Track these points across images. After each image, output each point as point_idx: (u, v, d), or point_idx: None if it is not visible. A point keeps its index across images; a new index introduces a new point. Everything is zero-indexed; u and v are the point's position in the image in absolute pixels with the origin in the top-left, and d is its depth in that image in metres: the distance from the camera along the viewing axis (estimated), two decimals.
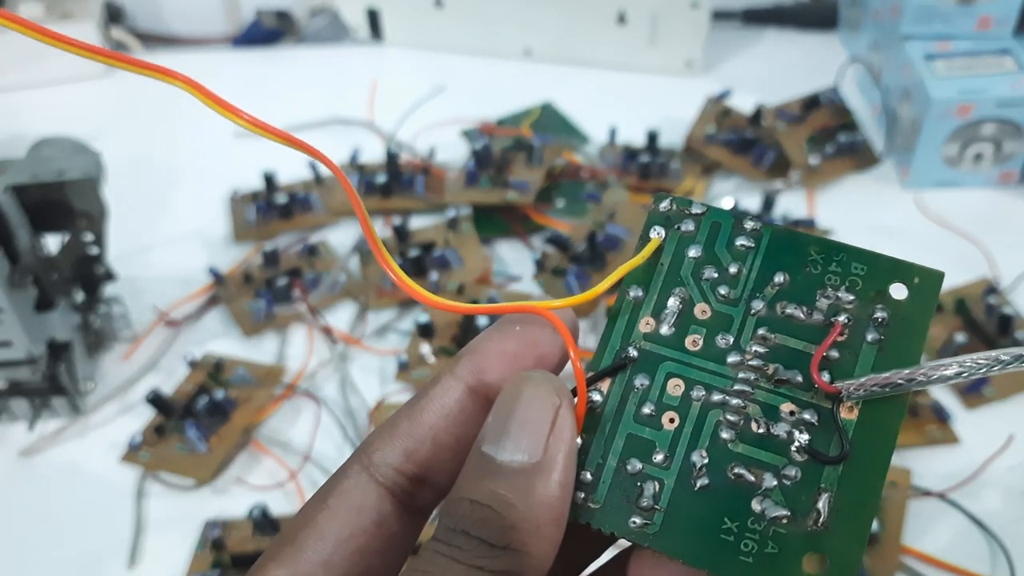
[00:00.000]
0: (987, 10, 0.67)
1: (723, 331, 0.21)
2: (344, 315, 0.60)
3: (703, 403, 0.21)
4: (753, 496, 0.20)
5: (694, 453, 0.20)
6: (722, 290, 0.22)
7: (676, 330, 0.22)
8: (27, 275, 0.50)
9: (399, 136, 0.73)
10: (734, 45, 0.83)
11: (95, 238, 0.53)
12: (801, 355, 0.21)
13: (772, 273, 0.21)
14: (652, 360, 0.22)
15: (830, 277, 0.21)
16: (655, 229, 0.22)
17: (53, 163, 0.52)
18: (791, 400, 0.20)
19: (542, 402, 0.19)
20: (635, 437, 0.21)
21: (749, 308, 0.21)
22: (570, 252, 0.60)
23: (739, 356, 0.21)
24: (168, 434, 0.52)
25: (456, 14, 0.81)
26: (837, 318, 0.21)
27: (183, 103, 0.86)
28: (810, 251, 0.22)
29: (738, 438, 0.20)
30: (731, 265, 0.22)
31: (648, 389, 0.21)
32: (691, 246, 0.22)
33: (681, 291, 0.22)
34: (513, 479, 0.19)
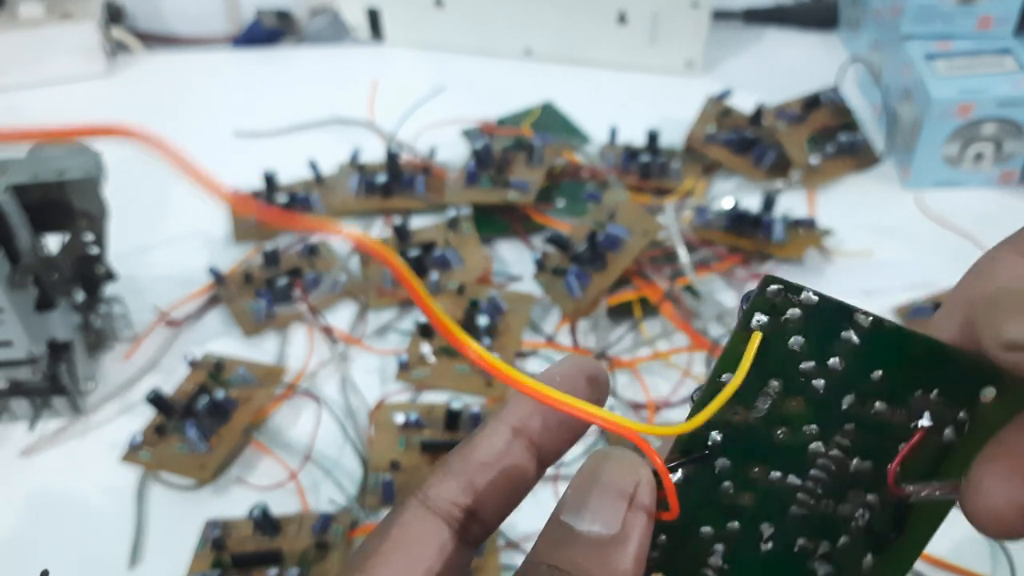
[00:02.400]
0: (987, 10, 0.67)
1: (811, 422, 0.21)
2: (344, 315, 0.60)
3: (779, 485, 0.22)
4: (809, 557, 0.22)
5: (763, 524, 0.22)
6: (817, 383, 0.21)
7: (765, 420, 0.22)
8: (27, 275, 0.50)
9: (399, 136, 0.73)
10: (734, 45, 0.83)
11: (95, 238, 0.53)
12: (880, 451, 0.21)
13: (872, 369, 0.21)
14: (736, 446, 0.22)
15: (928, 376, 0.21)
16: (758, 317, 0.21)
17: (53, 163, 0.52)
18: (861, 486, 0.22)
19: (623, 477, 0.20)
20: (711, 509, 0.22)
21: (840, 403, 0.21)
22: (570, 252, 0.60)
23: (821, 446, 0.22)
24: (168, 434, 0.52)
25: (456, 14, 0.81)
26: (923, 422, 0.21)
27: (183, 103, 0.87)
28: (915, 350, 0.21)
29: (806, 515, 0.22)
30: (832, 359, 0.21)
31: (729, 470, 0.22)
32: (794, 336, 0.21)
33: (776, 383, 0.21)
34: (590, 548, 0.20)
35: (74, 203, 0.52)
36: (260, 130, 0.75)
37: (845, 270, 0.62)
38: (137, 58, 0.85)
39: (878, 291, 0.60)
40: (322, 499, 0.50)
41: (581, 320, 0.59)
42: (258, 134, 0.75)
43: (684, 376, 0.56)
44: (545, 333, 0.59)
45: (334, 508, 0.49)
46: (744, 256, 0.62)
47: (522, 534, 0.48)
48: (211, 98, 0.81)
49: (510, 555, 0.47)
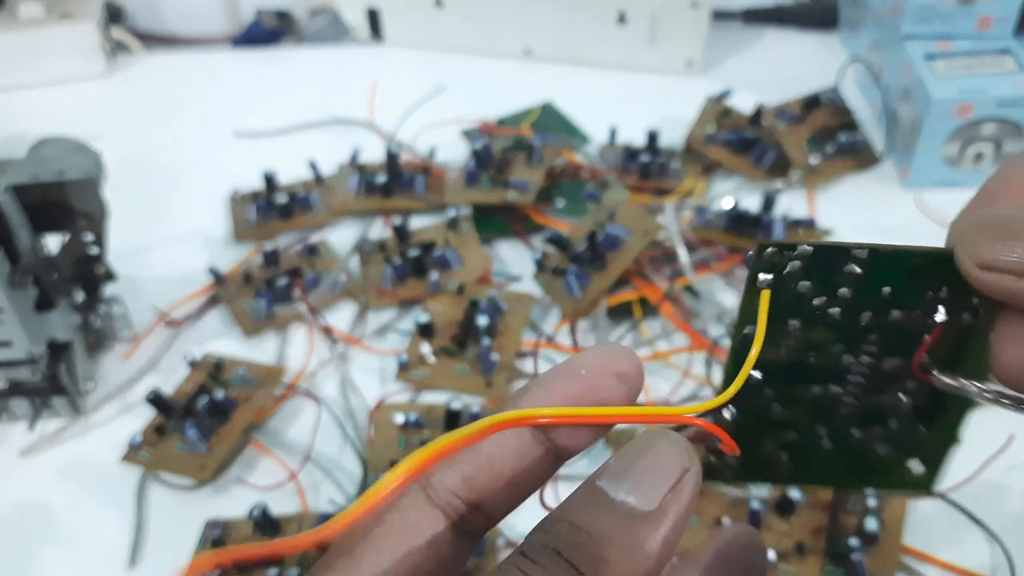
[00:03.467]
0: (987, 10, 0.67)
1: (837, 342, 0.23)
2: (344, 315, 0.60)
3: (824, 395, 0.24)
4: (868, 442, 0.24)
5: (819, 427, 0.24)
6: (833, 311, 0.23)
7: (795, 351, 0.24)
8: (27, 275, 0.50)
9: (399, 136, 0.73)
10: (734, 45, 0.83)
11: (95, 238, 0.53)
12: (905, 347, 0.23)
13: (880, 289, 0.23)
14: (775, 376, 0.24)
15: (932, 281, 0.23)
16: (763, 277, 0.22)
17: (53, 163, 0.52)
18: (896, 379, 0.24)
19: (673, 459, 0.20)
20: (768, 427, 0.24)
21: (858, 320, 0.23)
22: (570, 252, 0.60)
23: (852, 358, 0.24)
24: (168, 434, 0.52)
25: (456, 14, 0.81)
26: (938, 317, 0.23)
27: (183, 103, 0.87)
28: (914, 261, 0.23)
29: (855, 411, 0.24)
30: (840, 289, 0.23)
31: (774, 396, 0.24)
32: (800, 281, 0.23)
33: (795, 323, 0.23)
34: (621, 518, 0.19)
35: (74, 203, 0.52)
36: (260, 130, 0.75)
37: None
38: (137, 58, 0.85)
39: None
40: (322, 499, 0.50)
41: (581, 320, 0.59)
42: (258, 134, 0.75)
43: (684, 376, 0.56)
44: (545, 333, 0.59)
45: (334, 508, 0.49)
46: (744, 256, 0.61)
47: (521, 534, 0.48)
48: (211, 98, 0.81)
49: None
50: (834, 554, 0.45)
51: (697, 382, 0.55)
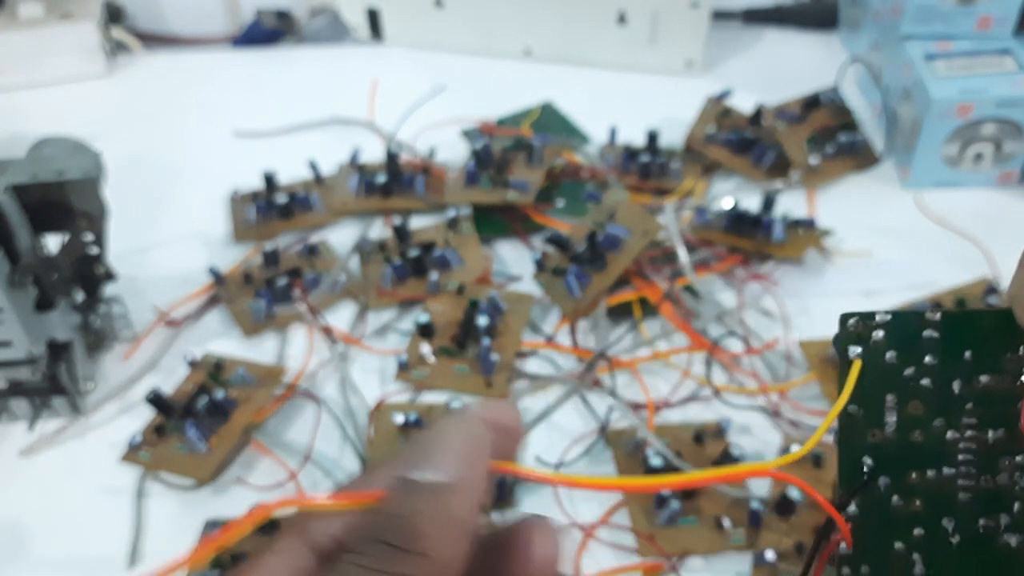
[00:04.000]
0: (987, 10, 0.67)
1: (937, 417, 0.24)
2: (344, 315, 0.60)
3: (939, 480, 0.24)
4: (998, 534, 0.24)
5: (943, 520, 0.24)
6: (925, 382, 0.24)
7: (899, 431, 0.24)
8: (27, 275, 0.50)
9: (399, 136, 0.73)
10: (734, 45, 0.83)
11: (95, 238, 0.53)
12: (1004, 416, 0.24)
13: (961, 353, 0.24)
14: (887, 462, 0.25)
15: (1007, 340, 0.24)
16: (852, 349, 0.24)
17: (53, 163, 0.52)
18: (1006, 454, 0.24)
19: (462, 433, 0.22)
20: (893, 526, 0.25)
21: (951, 390, 0.24)
22: (570, 252, 0.60)
23: (956, 433, 0.24)
24: (168, 434, 0.52)
25: (456, 14, 0.81)
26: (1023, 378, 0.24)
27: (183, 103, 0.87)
28: (985, 323, 0.24)
29: (973, 497, 0.24)
30: (925, 357, 0.24)
31: (891, 486, 0.25)
32: (887, 352, 0.24)
33: (891, 397, 0.24)
34: (427, 494, 0.20)
35: (74, 203, 0.52)
36: (260, 130, 0.75)
37: (845, 270, 0.62)
38: (137, 58, 0.85)
39: (878, 291, 0.60)
40: None
41: (581, 320, 0.59)
42: (258, 134, 0.75)
43: (684, 376, 0.56)
44: (545, 333, 0.59)
45: None
46: (744, 256, 0.62)
47: None
48: (211, 98, 0.81)
49: None
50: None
51: (697, 382, 0.55)
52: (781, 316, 0.59)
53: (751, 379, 0.55)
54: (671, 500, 0.47)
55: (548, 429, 0.53)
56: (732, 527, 0.47)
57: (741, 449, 0.50)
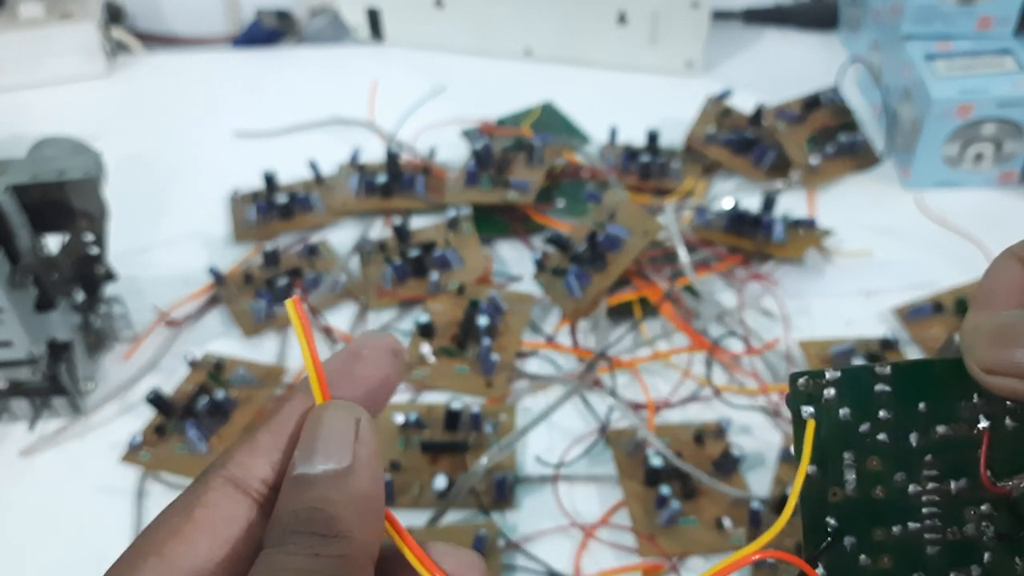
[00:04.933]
0: (987, 10, 0.67)
1: (897, 471, 0.24)
2: (344, 315, 0.60)
3: (905, 535, 0.24)
4: None
5: (914, 575, 0.24)
6: (881, 437, 0.24)
7: (859, 488, 0.24)
8: (27, 275, 0.50)
9: (399, 136, 0.73)
10: (734, 45, 0.83)
11: (95, 238, 0.53)
12: (965, 465, 0.24)
13: (915, 404, 0.24)
14: (851, 521, 0.24)
15: (960, 389, 0.24)
16: (804, 410, 0.24)
17: (53, 163, 0.52)
18: (970, 504, 0.24)
19: (344, 417, 0.22)
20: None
21: (909, 443, 0.24)
22: (570, 252, 0.60)
23: (917, 486, 0.24)
24: (169, 434, 0.52)
25: (456, 14, 0.81)
26: (982, 425, 0.24)
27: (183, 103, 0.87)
28: (937, 373, 0.24)
29: (942, 550, 0.24)
30: (879, 412, 0.24)
31: (857, 544, 0.24)
32: (840, 409, 0.24)
33: (849, 454, 0.24)
34: (329, 483, 0.21)
35: (74, 203, 0.52)
36: (260, 130, 0.75)
37: (845, 270, 0.62)
38: (137, 58, 0.85)
39: (878, 291, 0.60)
40: None
41: (581, 320, 0.59)
42: (258, 134, 0.75)
43: (684, 376, 0.56)
44: (545, 333, 0.59)
45: None
46: (744, 256, 0.62)
47: (522, 535, 0.48)
48: (211, 98, 0.81)
49: (510, 555, 0.47)
50: None
51: (697, 382, 0.55)
52: (781, 316, 0.59)
53: (751, 379, 0.55)
54: (671, 500, 0.47)
55: (548, 429, 0.53)
56: (732, 527, 0.47)
57: (741, 449, 0.50)
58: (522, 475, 0.51)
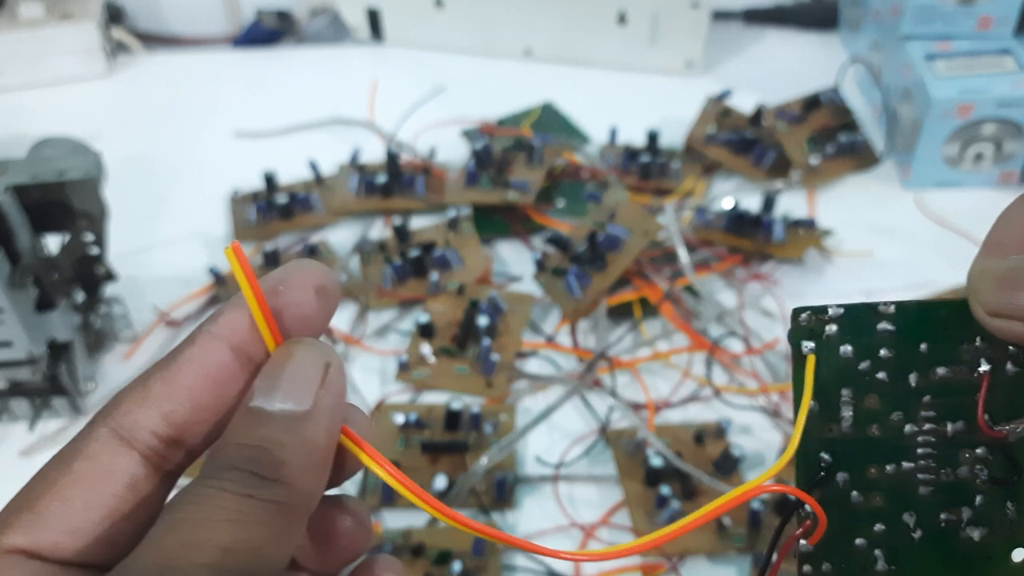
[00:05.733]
0: (987, 10, 0.67)
1: (894, 410, 0.24)
2: (344, 315, 0.60)
3: (898, 474, 0.24)
4: (959, 528, 0.24)
5: (904, 515, 0.24)
6: (881, 375, 0.24)
7: (855, 425, 0.24)
8: (27, 275, 0.50)
9: (399, 136, 0.73)
10: (734, 45, 0.83)
11: (95, 238, 0.53)
12: (963, 407, 0.24)
13: (917, 345, 0.24)
14: (845, 457, 0.24)
15: (963, 331, 0.24)
16: (805, 345, 0.24)
17: (53, 163, 0.52)
18: (965, 446, 0.24)
19: (314, 359, 0.21)
20: (854, 522, 0.24)
21: (908, 383, 0.24)
22: (571, 252, 0.60)
23: (914, 426, 0.24)
24: None
25: (456, 14, 0.81)
26: (982, 369, 0.23)
27: (183, 103, 0.87)
28: (940, 314, 0.24)
29: (934, 491, 0.24)
30: (880, 351, 0.24)
31: (850, 481, 0.24)
32: (841, 346, 0.24)
33: (847, 391, 0.24)
34: (283, 424, 0.20)
35: (74, 203, 0.52)
36: (260, 130, 0.75)
37: (845, 270, 0.62)
38: (137, 58, 0.85)
39: (878, 291, 0.60)
40: None
41: (581, 320, 0.59)
42: (258, 134, 0.75)
43: (684, 376, 0.56)
44: (545, 333, 0.58)
45: None
46: (744, 256, 0.62)
47: (523, 534, 0.48)
48: (211, 98, 0.81)
49: (511, 555, 0.47)
50: None
51: (697, 382, 0.55)
52: (781, 316, 0.59)
53: (751, 379, 0.55)
54: (671, 500, 0.47)
55: (548, 429, 0.53)
56: (732, 527, 0.47)
57: (741, 449, 0.50)
58: (522, 475, 0.51)
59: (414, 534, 0.47)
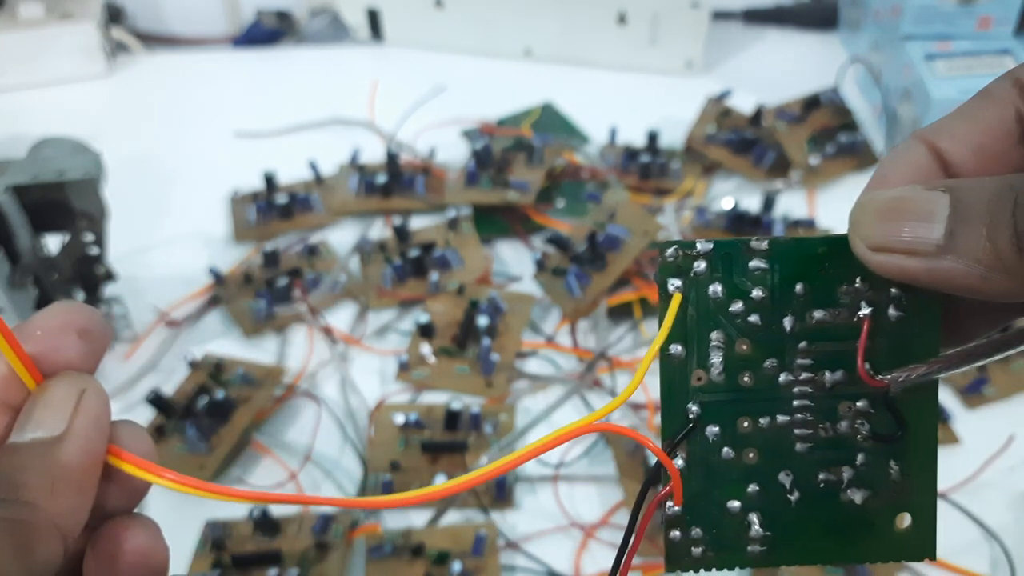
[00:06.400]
0: (987, 10, 0.67)
1: (768, 357, 0.22)
2: (344, 315, 0.60)
3: (773, 429, 0.22)
4: (840, 490, 0.22)
5: (780, 474, 0.22)
6: (753, 318, 0.22)
7: (726, 373, 0.22)
8: (27, 275, 0.50)
9: (399, 136, 0.73)
10: (734, 45, 0.83)
11: (95, 238, 0.53)
12: (842, 355, 0.22)
13: (792, 285, 0.22)
14: (715, 409, 0.23)
15: (843, 271, 0.22)
16: (671, 283, 0.22)
17: (53, 163, 0.52)
18: (845, 397, 0.22)
19: (67, 387, 0.21)
20: (726, 481, 0.23)
21: (783, 327, 0.22)
22: (570, 252, 0.60)
23: (789, 375, 0.22)
24: (168, 434, 0.52)
25: (456, 14, 0.81)
26: (863, 312, 0.22)
27: (183, 103, 0.87)
28: (818, 251, 0.22)
29: (812, 447, 0.22)
30: (753, 291, 0.22)
31: (721, 435, 0.23)
32: (710, 285, 0.22)
33: (717, 334, 0.22)
34: (33, 450, 0.20)
35: (74, 203, 0.52)
36: (260, 130, 0.75)
37: None
38: (137, 58, 0.85)
39: None
40: None
41: (581, 320, 0.59)
42: (258, 134, 0.75)
43: None
44: (545, 333, 0.59)
45: (334, 509, 0.49)
46: None
47: (522, 534, 0.48)
48: (211, 98, 0.81)
49: (510, 555, 0.47)
50: None
51: None
52: None
53: None
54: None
55: (548, 429, 0.53)
56: None
57: None
58: (522, 475, 0.51)
59: (414, 534, 0.47)
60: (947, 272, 0.19)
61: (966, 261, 0.19)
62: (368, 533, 0.47)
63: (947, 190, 0.20)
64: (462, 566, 0.45)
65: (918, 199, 0.20)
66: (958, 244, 0.19)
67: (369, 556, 0.46)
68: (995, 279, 0.19)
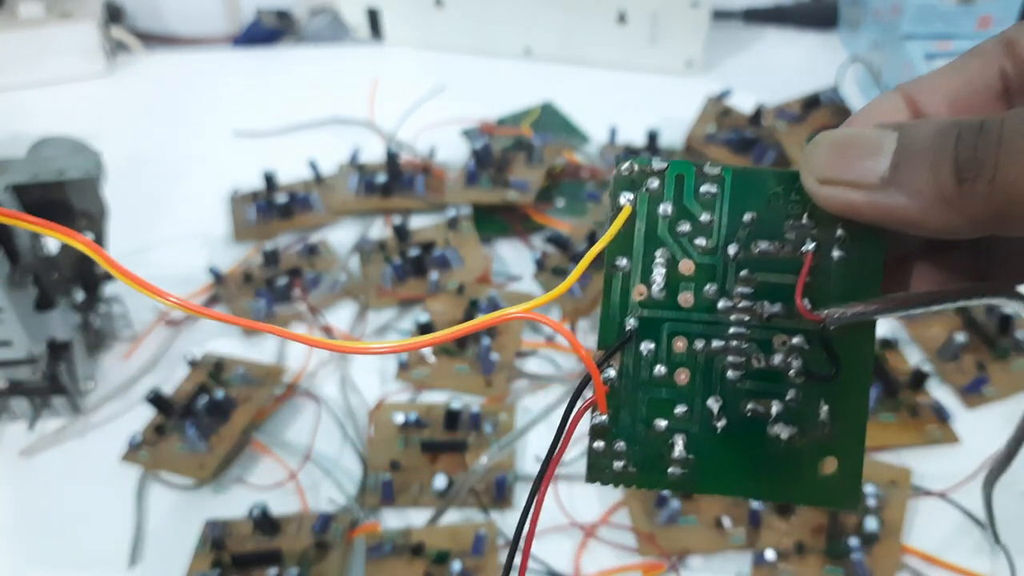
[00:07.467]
0: (987, 10, 0.67)
1: (709, 281, 0.23)
2: (344, 315, 0.60)
3: (707, 352, 0.23)
4: (767, 423, 0.23)
5: (709, 399, 0.23)
6: (699, 241, 0.23)
7: (667, 291, 0.23)
8: (27, 274, 0.50)
9: (399, 136, 0.73)
10: (734, 45, 0.83)
11: (95, 238, 0.53)
12: (782, 288, 0.22)
13: (741, 214, 0.22)
14: (652, 325, 0.23)
15: (792, 206, 0.22)
16: (624, 195, 0.23)
17: (53, 163, 0.52)
18: (781, 331, 0.22)
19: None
20: (655, 399, 0.23)
21: (727, 254, 0.23)
22: (570, 251, 0.60)
23: (728, 301, 0.23)
24: (168, 434, 0.52)
25: (456, 14, 0.81)
26: (806, 247, 0.22)
27: (183, 103, 0.87)
28: (770, 184, 0.22)
29: (744, 376, 0.23)
30: (702, 214, 0.23)
31: (655, 353, 0.23)
32: (661, 204, 0.23)
33: (662, 252, 0.23)
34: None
35: (74, 203, 0.52)
36: (260, 130, 0.75)
37: None
38: (137, 58, 0.85)
39: None
40: (322, 499, 0.50)
41: (581, 320, 0.59)
42: (258, 134, 0.75)
43: None
44: (545, 333, 0.59)
45: (334, 508, 0.49)
46: None
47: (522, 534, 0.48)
48: (211, 98, 0.81)
49: None
50: (834, 554, 0.45)
51: None
52: None
53: None
54: (671, 499, 0.47)
55: (548, 429, 0.53)
56: (732, 526, 0.47)
57: None
58: (522, 475, 0.51)
59: (413, 534, 0.47)
60: (889, 205, 0.20)
61: (908, 193, 0.20)
62: (368, 532, 0.47)
63: (897, 128, 0.20)
64: (462, 566, 0.45)
65: (868, 135, 0.21)
66: (901, 177, 0.20)
67: (369, 555, 0.46)
68: (936, 211, 0.19)
